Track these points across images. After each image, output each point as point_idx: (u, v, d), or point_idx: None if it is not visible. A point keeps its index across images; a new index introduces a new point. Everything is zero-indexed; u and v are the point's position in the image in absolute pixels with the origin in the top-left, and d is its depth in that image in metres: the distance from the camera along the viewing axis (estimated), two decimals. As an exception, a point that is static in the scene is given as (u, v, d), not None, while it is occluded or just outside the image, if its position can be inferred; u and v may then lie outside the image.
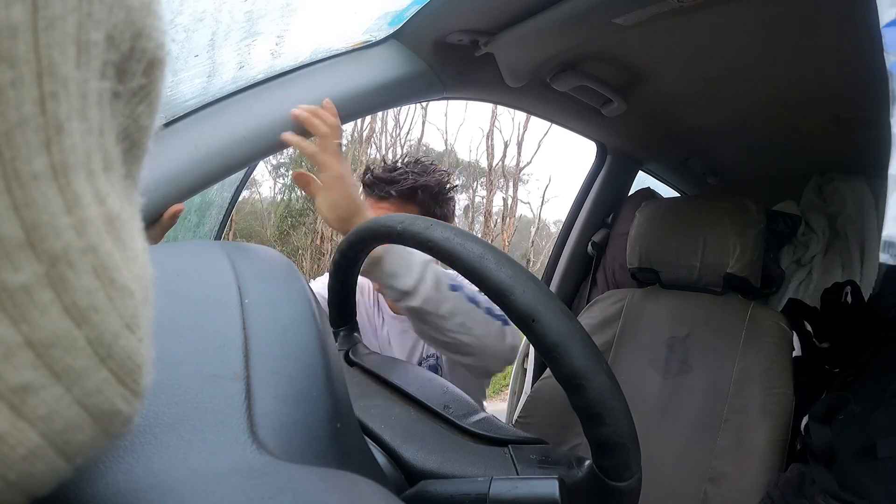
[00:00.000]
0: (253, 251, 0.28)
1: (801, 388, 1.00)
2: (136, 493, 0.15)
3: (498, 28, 0.75)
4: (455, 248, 0.34)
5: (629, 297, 1.21)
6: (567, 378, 0.29)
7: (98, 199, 0.11)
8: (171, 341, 0.20)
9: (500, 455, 0.33)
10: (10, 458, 0.10)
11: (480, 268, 0.32)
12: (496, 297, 0.31)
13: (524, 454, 0.33)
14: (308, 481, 0.16)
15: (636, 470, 0.30)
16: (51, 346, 0.10)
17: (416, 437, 0.34)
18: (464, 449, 0.34)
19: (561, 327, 0.30)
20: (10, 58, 0.09)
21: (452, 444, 0.34)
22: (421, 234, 0.36)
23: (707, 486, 0.96)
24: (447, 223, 0.37)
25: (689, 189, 1.65)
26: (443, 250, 0.34)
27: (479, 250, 0.33)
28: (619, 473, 0.30)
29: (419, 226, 0.37)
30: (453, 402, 0.38)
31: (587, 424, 0.30)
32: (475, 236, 0.35)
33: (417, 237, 0.36)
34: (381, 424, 0.35)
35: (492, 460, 0.33)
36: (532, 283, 0.31)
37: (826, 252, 1.33)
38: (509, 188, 9.39)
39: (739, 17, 0.72)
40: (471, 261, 0.33)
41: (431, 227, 0.36)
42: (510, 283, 0.31)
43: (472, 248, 0.33)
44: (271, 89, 0.69)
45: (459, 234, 0.34)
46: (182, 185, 0.61)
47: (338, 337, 0.51)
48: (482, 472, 0.32)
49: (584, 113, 1.09)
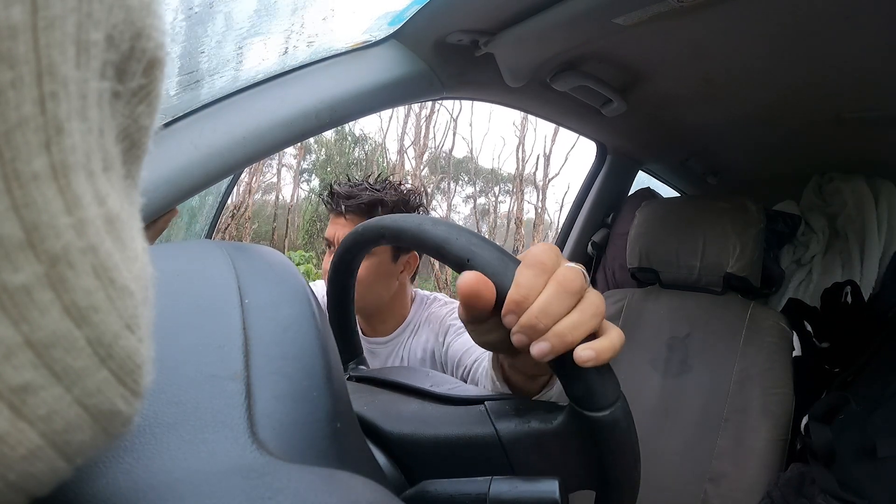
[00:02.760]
0: (253, 251, 0.28)
1: (801, 388, 1.00)
2: (136, 493, 0.15)
3: (498, 28, 0.75)
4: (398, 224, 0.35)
5: (629, 297, 1.21)
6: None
7: (98, 199, 0.11)
8: (171, 341, 0.20)
9: (475, 412, 0.33)
10: (10, 458, 0.10)
11: (419, 231, 0.33)
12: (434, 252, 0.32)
13: (499, 407, 0.33)
14: (308, 481, 0.16)
15: (613, 396, 0.29)
16: (51, 346, 0.10)
17: (394, 412, 0.35)
18: (440, 412, 0.34)
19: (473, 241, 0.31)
20: (10, 58, 0.09)
21: (430, 411, 0.35)
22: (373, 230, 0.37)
23: (707, 485, 0.96)
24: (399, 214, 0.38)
25: (689, 189, 1.65)
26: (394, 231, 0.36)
27: (418, 220, 0.34)
28: (593, 400, 0.28)
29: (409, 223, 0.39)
30: (434, 378, 0.39)
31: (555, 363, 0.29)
32: (427, 217, 0.37)
33: (402, 235, 0.38)
34: (363, 407, 0.35)
35: (468, 417, 0.33)
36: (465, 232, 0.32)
37: (826, 252, 1.33)
38: (535, 197, 9.76)
39: (739, 17, 0.72)
40: (410, 229, 0.34)
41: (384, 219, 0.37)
42: (445, 235, 0.32)
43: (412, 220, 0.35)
44: (271, 89, 0.69)
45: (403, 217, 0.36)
46: (182, 185, 0.61)
47: (347, 368, 0.51)
48: (457, 427, 0.32)
49: (584, 113, 1.09)
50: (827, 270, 1.31)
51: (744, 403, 0.99)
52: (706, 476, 0.97)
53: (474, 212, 10.51)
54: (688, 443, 1.01)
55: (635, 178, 1.51)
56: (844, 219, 1.32)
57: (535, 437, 0.31)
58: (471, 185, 10.95)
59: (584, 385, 0.28)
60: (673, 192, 1.66)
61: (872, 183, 1.30)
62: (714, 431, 1.00)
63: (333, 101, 0.71)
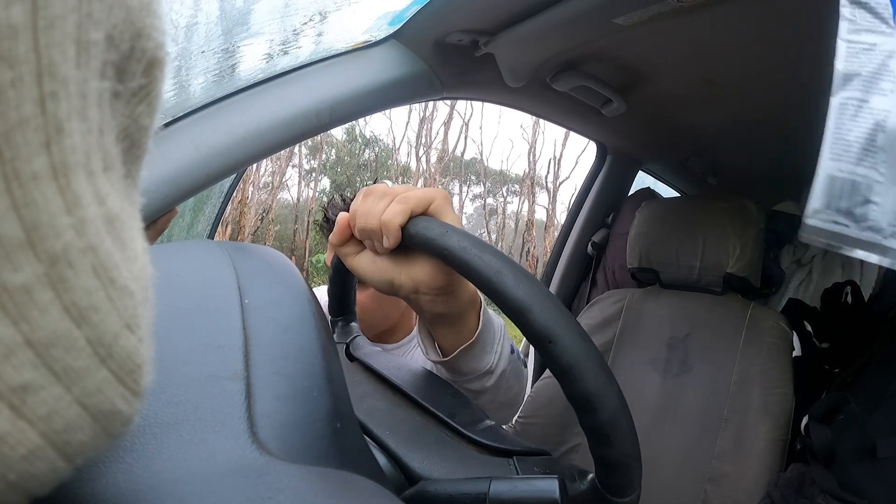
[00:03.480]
0: (253, 251, 0.28)
1: (801, 388, 1.00)
2: (136, 493, 0.15)
3: (498, 28, 0.75)
4: (472, 259, 0.32)
5: (629, 297, 1.21)
6: (579, 400, 0.29)
7: (98, 199, 0.11)
8: (171, 341, 0.20)
9: (504, 465, 0.33)
10: (10, 458, 0.10)
11: (498, 283, 0.31)
12: (514, 315, 0.31)
13: (528, 465, 0.33)
14: (308, 481, 0.16)
15: (637, 487, 0.31)
16: (51, 345, 0.10)
17: (421, 445, 0.34)
18: (468, 458, 0.34)
19: (577, 349, 0.29)
20: (10, 58, 0.09)
21: (457, 454, 0.34)
22: (436, 241, 0.35)
23: (707, 486, 0.96)
24: (464, 231, 0.35)
25: (689, 189, 1.65)
26: (459, 260, 0.33)
27: (497, 264, 0.32)
28: (621, 490, 0.30)
29: (434, 231, 0.35)
30: (460, 409, 0.38)
31: (595, 443, 0.30)
32: (493, 248, 0.34)
33: (431, 243, 0.35)
34: (385, 430, 0.34)
35: (495, 471, 0.33)
36: (549, 302, 0.30)
37: (826, 252, 1.33)
38: (545, 199, 10.15)
39: (739, 17, 0.72)
40: (488, 275, 0.31)
41: (448, 234, 0.34)
42: (528, 301, 0.30)
43: (489, 262, 0.32)
44: (271, 89, 0.69)
45: (477, 245, 0.33)
46: (182, 185, 0.61)
47: (335, 327, 0.50)
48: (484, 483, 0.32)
49: (584, 113, 1.09)
50: (827, 270, 1.31)
51: (744, 403, 0.99)
52: (706, 476, 0.97)
53: (484, 212, 10.70)
54: (688, 443, 1.01)
55: (635, 178, 1.51)
56: (844, 219, 1.32)
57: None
58: (479, 185, 11.17)
59: (618, 479, 0.30)
60: (673, 192, 1.66)
61: (872, 183, 1.30)
62: (714, 431, 1.00)
63: (333, 101, 0.71)
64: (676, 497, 0.98)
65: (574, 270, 1.49)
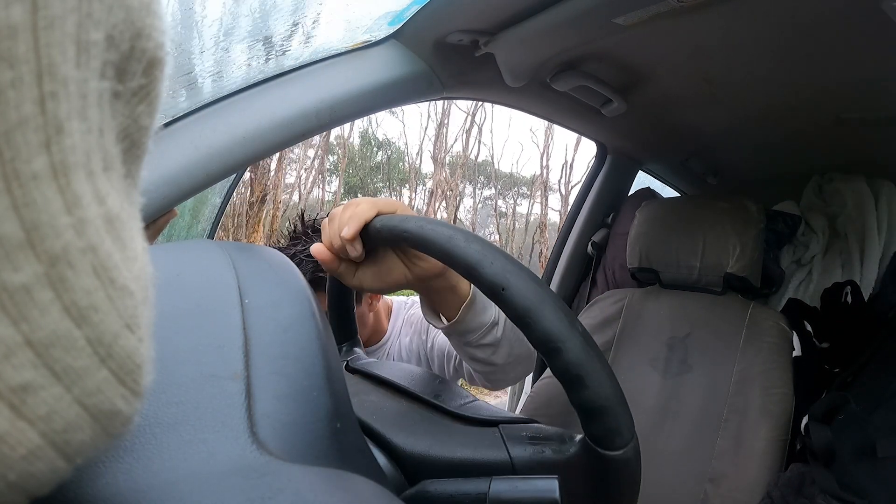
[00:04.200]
0: (253, 251, 0.28)
1: (801, 388, 1.00)
2: (136, 493, 0.15)
3: (498, 28, 0.75)
4: (427, 233, 0.35)
5: (629, 297, 1.21)
6: (542, 343, 0.29)
7: (98, 199, 0.11)
8: (171, 341, 0.20)
9: (490, 435, 0.33)
10: (10, 458, 0.10)
11: (451, 246, 0.33)
12: (466, 272, 0.32)
13: (514, 432, 0.33)
14: (308, 481, 0.16)
15: (629, 436, 0.29)
16: (51, 345, 0.10)
17: (406, 424, 0.35)
18: (454, 431, 0.34)
19: (531, 292, 0.30)
20: (10, 58, 0.09)
21: (443, 428, 0.34)
22: (397, 227, 0.39)
23: (707, 486, 0.96)
24: (421, 216, 0.40)
25: (689, 189, 1.65)
26: (417, 237, 0.36)
27: (448, 232, 0.34)
28: (610, 440, 0.29)
29: (394, 220, 0.40)
30: (444, 391, 0.39)
31: (569, 389, 0.29)
32: (445, 222, 0.37)
33: (395, 230, 0.39)
34: (372, 416, 0.35)
35: (482, 440, 0.33)
36: (500, 255, 0.32)
37: (826, 252, 1.33)
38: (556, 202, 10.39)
39: (739, 17, 0.72)
40: (440, 241, 0.34)
41: (406, 220, 0.39)
42: (478, 257, 0.32)
43: (441, 231, 0.35)
44: (271, 89, 0.69)
45: (431, 222, 0.37)
46: (182, 185, 0.61)
47: (340, 351, 0.51)
48: (471, 451, 0.32)
49: (584, 113, 1.09)
50: (827, 270, 1.30)
51: (744, 403, 0.99)
52: (706, 476, 0.97)
53: (494, 213, 10.85)
54: (688, 443, 1.01)
55: (635, 178, 1.51)
56: (844, 219, 1.32)
57: (548, 466, 0.31)
58: (489, 187, 11.31)
59: (603, 426, 0.29)
60: (673, 192, 1.66)
61: (872, 183, 1.30)
62: (714, 431, 1.00)
63: (333, 101, 0.71)
64: (676, 497, 0.98)
65: (574, 270, 1.49)
